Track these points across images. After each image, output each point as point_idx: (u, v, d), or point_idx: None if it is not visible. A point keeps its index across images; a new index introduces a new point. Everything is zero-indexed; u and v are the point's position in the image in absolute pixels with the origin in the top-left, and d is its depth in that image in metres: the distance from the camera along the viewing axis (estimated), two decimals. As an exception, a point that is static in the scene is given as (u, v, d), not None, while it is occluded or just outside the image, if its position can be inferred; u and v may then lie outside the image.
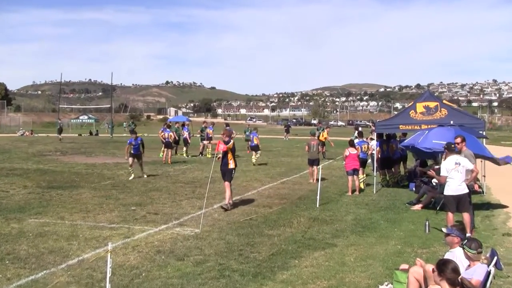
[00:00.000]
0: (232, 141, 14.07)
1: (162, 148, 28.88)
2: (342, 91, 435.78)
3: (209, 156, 29.88)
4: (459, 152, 11.60)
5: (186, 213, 13.17)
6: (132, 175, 20.18)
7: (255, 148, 26.80)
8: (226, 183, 13.90)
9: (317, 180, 16.51)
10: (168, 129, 28.33)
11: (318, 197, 14.77)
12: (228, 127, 31.44)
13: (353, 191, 17.13)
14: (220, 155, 14.10)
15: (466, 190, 11.09)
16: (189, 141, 31.67)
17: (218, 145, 13.92)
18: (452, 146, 11.48)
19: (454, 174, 10.98)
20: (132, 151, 20.71)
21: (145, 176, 20.57)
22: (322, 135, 30.52)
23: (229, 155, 13.91)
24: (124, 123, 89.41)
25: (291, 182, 20.10)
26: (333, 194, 17.03)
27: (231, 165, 13.92)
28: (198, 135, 33.71)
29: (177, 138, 30.73)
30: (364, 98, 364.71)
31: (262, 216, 12.98)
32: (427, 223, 11.56)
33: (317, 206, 14.43)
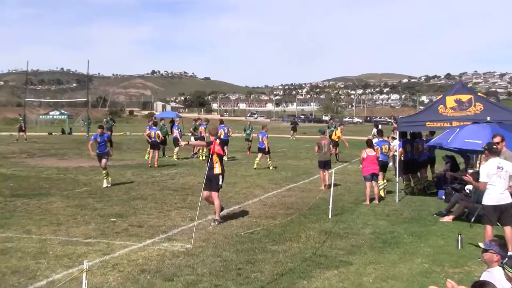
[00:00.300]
0: (217, 141, 13.89)
1: (148, 149, 28.82)
2: (358, 82, 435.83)
3: (203, 158, 29.84)
4: (499, 153, 11.52)
5: (176, 226, 13.14)
6: (105, 182, 19.84)
7: (263, 150, 26.63)
8: (214, 193, 13.59)
9: (329, 186, 16.47)
10: (154, 127, 28.30)
11: (330, 206, 14.74)
12: (222, 125, 31.56)
13: (372, 199, 17.10)
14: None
15: (510, 200, 10.99)
16: (180, 141, 31.57)
17: (213, 145, 13.87)
18: (494, 147, 11.38)
19: (495, 180, 10.87)
20: (97, 150, 20.05)
21: (108, 184, 19.68)
22: (335, 134, 30.55)
23: (215, 158, 13.65)
24: (105, 120, 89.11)
25: (298, 189, 20.07)
26: (348, 203, 17.01)
27: (217, 169, 13.63)
28: (190, 134, 33.69)
29: (163, 137, 30.62)
30: (385, 91, 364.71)
31: (264, 228, 12.95)
32: (459, 238, 11.51)
33: (330, 217, 14.40)
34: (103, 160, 19.88)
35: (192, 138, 31.71)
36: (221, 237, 12.04)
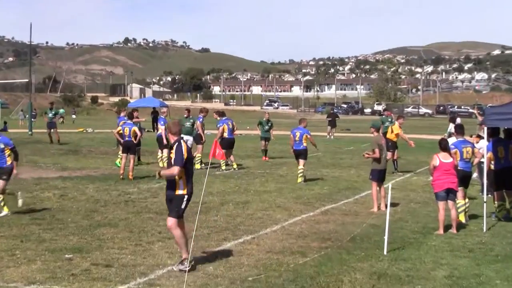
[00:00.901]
0: (183, 143, 12.95)
1: (120, 153, 28.90)
2: (426, 55, 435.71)
3: (197, 166, 29.88)
4: None
5: (160, 265, 13.16)
6: (4, 210, 18.80)
7: (303, 155, 26.58)
8: (169, 219, 12.84)
9: (385, 207, 16.43)
10: (129, 121, 28.28)
11: (386, 237, 14.71)
12: (225, 119, 31.44)
13: (447, 227, 17.04)
14: (223, 164, 14.02)
15: None
16: (165, 142, 31.41)
17: (213, 148, 13.87)
18: None
19: None
20: None
21: (7, 212, 18.67)
22: (391, 131, 30.07)
23: (181, 173, 12.81)
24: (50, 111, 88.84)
25: (339, 211, 20.08)
26: (412, 232, 16.98)
27: (181, 188, 12.85)
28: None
29: (139, 134, 30.22)
30: (466, 67, 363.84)
31: (290, 269, 12.96)
32: None
33: (385, 253, 14.38)
34: (3, 179, 18.70)
35: (190, 139, 31.60)
36: (226, 282, 12.05)
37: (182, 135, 13.43)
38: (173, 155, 12.74)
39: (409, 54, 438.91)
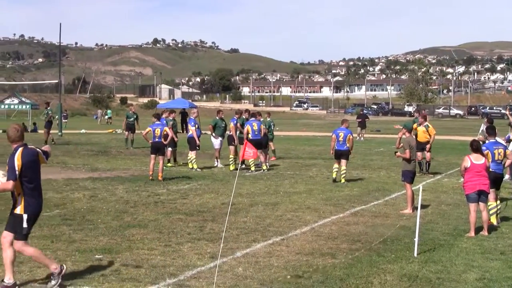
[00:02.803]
0: (19, 150, 11.19)
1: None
2: (458, 55, 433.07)
3: (232, 167, 29.87)
4: None
5: (190, 266, 13.22)
6: None
7: (345, 155, 26.72)
8: (16, 243, 11.37)
9: (415, 209, 16.37)
10: (158, 122, 28.22)
11: (416, 239, 14.67)
12: (253, 119, 31.28)
13: (479, 229, 16.96)
14: (252, 165, 14.00)
15: None
16: (198, 142, 31.21)
17: (243, 149, 13.90)
18: None
19: None
20: None
21: None
22: (424, 131, 29.80)
23: (17, 187, 11.22)
24: (104, 112, 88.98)
25: (369, 213, 20.03)
26: (443, 234, 16.92)
27: (18, 207, 11.27)
28: (229, 133, 33.19)
29: (170, 134, 29.89)
30: (498, 68, 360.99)
31: (319, 271, 12.97)
32: None
33: (415, 255, 14.35)
34: None
35: (219, 141, 31.65)
36: (255, 284, 12.08)
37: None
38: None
39: (440, 54, 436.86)
